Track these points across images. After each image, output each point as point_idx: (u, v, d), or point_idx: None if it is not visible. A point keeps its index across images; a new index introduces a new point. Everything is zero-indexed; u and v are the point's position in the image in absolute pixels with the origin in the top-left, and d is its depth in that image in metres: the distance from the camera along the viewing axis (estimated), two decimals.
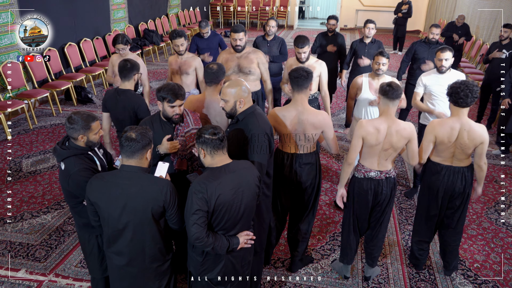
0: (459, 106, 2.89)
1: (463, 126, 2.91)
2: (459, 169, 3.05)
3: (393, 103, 2.83)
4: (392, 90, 2.79)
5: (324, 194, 4.52)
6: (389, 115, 2.85)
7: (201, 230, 2.11)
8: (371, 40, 5.60)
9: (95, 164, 2.45)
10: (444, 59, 3.90)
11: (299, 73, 2.86)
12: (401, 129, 2.85)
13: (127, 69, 3.33)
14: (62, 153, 2.37)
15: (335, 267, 3.42)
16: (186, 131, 2.80)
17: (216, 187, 2.12)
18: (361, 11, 15.29)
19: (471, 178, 3.10)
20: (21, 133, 5.79)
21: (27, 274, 3.30)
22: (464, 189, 3.09)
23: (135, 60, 3.50)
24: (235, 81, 2.60)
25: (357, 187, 3.03)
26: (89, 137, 2.39)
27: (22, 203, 4.19)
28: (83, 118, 2.36)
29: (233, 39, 4.17)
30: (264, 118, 2.65)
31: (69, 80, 6.91)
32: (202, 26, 5.68)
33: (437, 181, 3.10)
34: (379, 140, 2.85)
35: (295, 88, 2.90)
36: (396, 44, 11.50)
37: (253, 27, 15.10)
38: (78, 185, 2.33)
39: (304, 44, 3.95)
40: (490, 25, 9.42)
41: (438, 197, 3.14)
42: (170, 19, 11.59)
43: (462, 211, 3.19)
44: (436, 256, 3.61)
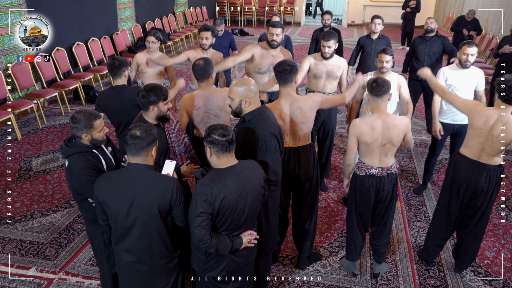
0: (509, 103, 2.78)
1: (500, 118, 2.81)
2: (485, 166, 2.96)
3: (382, 99, 2.81)
4: (378, 86, 2.77)
5: (332, 191, 4.51)
6: (381, 111, 2.84)
7: (205, 232, 2.10)
8: (378, 36, 5.55)
9: (100, 162, 2.47)
10: (471, 54, 3.84)
11: (282, 67, 2.85)
12: (397, 124, 2.84)
13: (116, 67, 3.31)
14: (66, 150, 2.41)
15: (343, 264, 3.41)
16: (173, 126, 2.82)
17: (221, 190, 2.10)
18: (369, 7, 15.17)
19: (497, 179, 2.98)
20: (31, 132, 5.85)
21: (38, 272, 3.33)
22: (487, 189, 2.99)
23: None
24: (243, 79, 2.58)
25: (359, 184, 3.01)
26: (92, 135, 2.42)
27: (32, 202, 4.23)
28: (85, 117, 2.38)
29: (270, 33, 4.03)
30: (272, 119, 2.62)
31: (78, 79, 6.96)
32: (217, 24, 5.66)
33: (460, 175, 3.03)
34: (375, 137, 2.83)
35: (281, 82, 2.90)
36: (405, 39, 11.39)
37: (260, 25, 15.07)
38: (79, 182, 2.37)
39: (330, 37, 3.85)
40: (500, 19, 9.29)
41: (459, 192, 3.07)
42: (177, 17, 11.60)
43: (483, 213, 3.09)
44: (446, 253, 3.57)
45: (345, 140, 5.67)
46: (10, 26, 6.03)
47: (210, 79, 3.12)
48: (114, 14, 8.81)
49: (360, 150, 2.97)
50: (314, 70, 4.05)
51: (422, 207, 4.24)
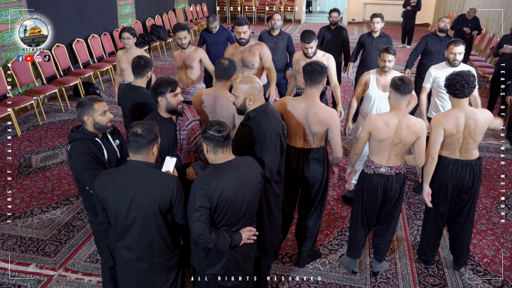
0: (457, 97, 2.89)
1: (467, 115, 2.89)
2: (467, 162, 3.02)
3: (405, 97, 2.80)
4: (404, 84, 2.76)
5: (332, 189, 4.51)
6: (400, 110, 2.83)
7: (204, 227, 2.11)
8: (379, 34, 5.53)
9: (101, 152, 2.49)
10: (458, 52, 3.85)
11: (313, 67, 2.85)
12: (412, 124, 2.82)
13: (141, 66, 3.30)
14: (70, 135, 2.48)
15: (343, 262, 3.42)
16: (187, 123, 2.81)
17: (219, 184, 2.12)
18: (369, 5, 15.15)
19: (479, 171, 3.06)
20: (30, 129, 5.85)
21: (37, 268, 3.34)
22: (472, 183, 3.06)
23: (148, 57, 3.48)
24: (247, 77, 2.57)
25: (367, 182, 3.01)
26: (95, 118, 2.45)
27: (31, 199, 4.23)
28: (87, 99, 2.47)
29: (237, 32, 4.18)
30: (276, 116, 2.61)
31: (77, 76, 6.95)
32: (210, 21, 5.66)
33: (445, 176, 3.06)
34: (388, 135, 2.82)
35: (308, 82, 2.89)
36: (405, 37, 11.38)
37: (260, 22, 15.05)
38: (75, 166, 2.42)
39: (310, 39, 3.92)
40: (501, 17, 9.28)
41: (447, 192, 3.10)
42: (177, 14, 11.58)
43: (471, 206, 3.15)
44: (444, 251, 3.58)
45: (345, 138, 5.67)
46: (10, 22, 6.02)
47: (228, 81, 3.06)
48: (114, 11, 8.79)
49: (371, 147, 2.97)
50: (297, 67, 4.20)
51: (421, 206, 4.24)
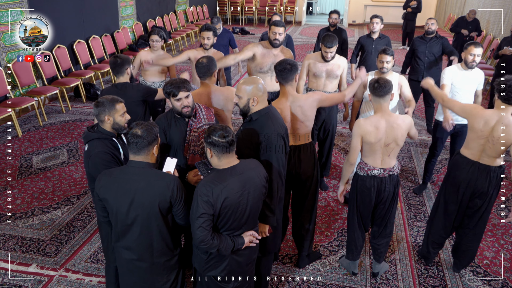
0: (509, 103, 2.78)
1: (501, 119, 2.82)
2: (485, 167, 2.96)
3: (384, 99, 2.81)
4: (379, 87, 2.77)
5: (332, 190, 4.51)
6: (384, 111, 2.84)
7: (206, 233, 2.10)
8: (378, 35, 5.56)
9: (118, 151, 2.53)
10: (477, 54, 3.81)
11: (282, 66, 2.86)
12: (401, 122, 2.84)
13: (119, 65, 3.34)
14: (88, 135, 2.50)
15: (343, 263, 3.42)
16: (199, 126, 2.79)
17: (222, 190, 2.10)
18: (370, 7, 15.17)
19: (497, 179, 2.98)
20: (31, 129, 5.85)
21: (38, 269, 3.34)
22: (487, 189, 2.99)
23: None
24: (251, 78, 2.57)
25: (360, 184, 3.01)
26: (115, 118, 2.50)
27: (32, 199, 4.24)
28: (108, 100, 2.50)
29: (272, 32, 3.98)
30: (279, 119, 2.61)
31: (78, 77, 6.95)
32: (214, 22, 5.66)
33: (459, 175, 3.03)
34: (379, 137, 2.83)
35: (281, 81, 2.91)
36: (405, 39, 11.39)
37: (260, 24, 15.07)
38: (96, 167, 2.43)
39: (332, 44, 3.84)
40: (501, 19, 9.29)
41: (458, 192, 3.07)
42: (178, 15, 11.60)
43: (483, 213, 3.10)
44: (445, 253, 3.58)
45: (345, 139, 5.68)
46: (11, 23, 6.03)
47: (212, 77, 3.12)
48: (115, 12, 8.80)
49: (363, 150, 2.97)
50: (314, 69, 4.05)
51: (421, 207, 4.25)
